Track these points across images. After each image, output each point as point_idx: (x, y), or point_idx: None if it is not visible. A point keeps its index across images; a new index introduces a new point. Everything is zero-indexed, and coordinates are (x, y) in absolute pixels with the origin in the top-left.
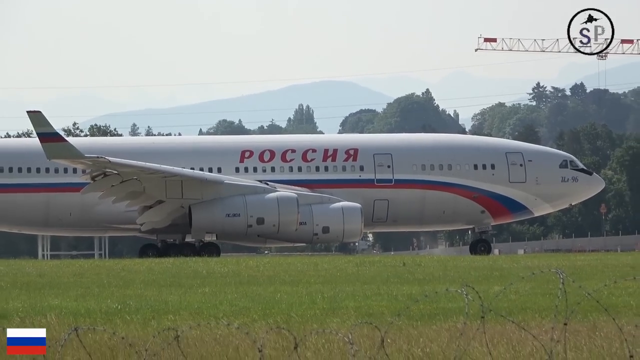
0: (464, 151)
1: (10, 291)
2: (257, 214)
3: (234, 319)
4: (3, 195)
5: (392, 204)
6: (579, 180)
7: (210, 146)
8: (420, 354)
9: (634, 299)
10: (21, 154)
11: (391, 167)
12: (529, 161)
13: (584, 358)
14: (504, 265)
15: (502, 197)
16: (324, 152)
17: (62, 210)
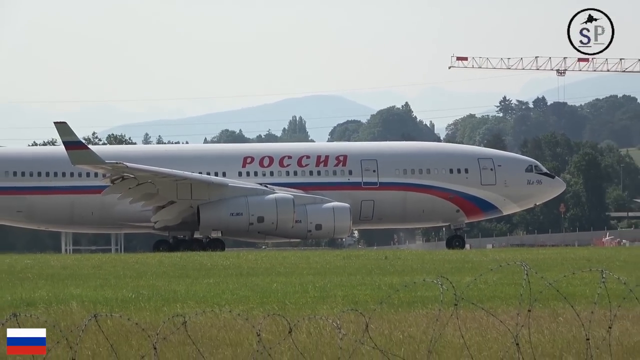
0: (441, 157)
1: (37, 282)
2: (258, 213)
3: (235, 306)
4: (33, 197)
5: (377, 204)
6: (543, 182)
7: (216, 153)
8: (400, 337)
9: (589, 288)
10: (49, 160)
11: (376, 171)
12: (498, 166)
13: (546, 341)
14: (475, 259)
15: (475, 198)
16: (316, 158)
17: (85, 210)
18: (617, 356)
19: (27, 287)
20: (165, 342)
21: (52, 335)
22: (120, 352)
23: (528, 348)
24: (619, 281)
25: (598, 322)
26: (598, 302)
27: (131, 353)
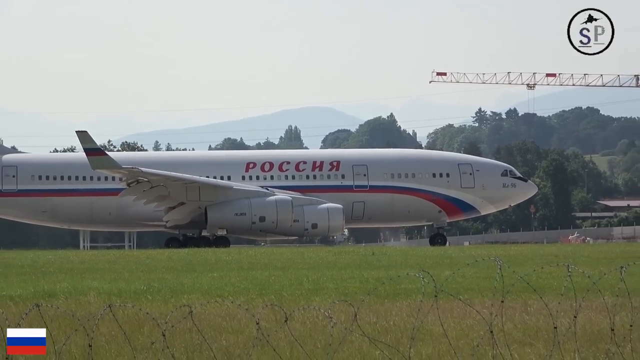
0: (424, 163)
1: (57, 275)
2: (260, 213)
3: (236, 297)
4: (57, 199)
5: (367, 205)
6: (517, 186)
7: (222, 159)
8: (386, 325)
9: (556, 281)
10: (70, 165)
11: (366, 175)
12: (476, 171)
13: (517, 329)
14: (453, 254)
15: (455, 200)
16: (312, 164)
17: (103, 210)
18: (581, 343)
19: (49, 280)
20: (173, 329)
21: (71, 323)
22: (133, 338)
23: (501, 335)
24: (584, 275)
25: (564, 312)
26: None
27: (142, 339)
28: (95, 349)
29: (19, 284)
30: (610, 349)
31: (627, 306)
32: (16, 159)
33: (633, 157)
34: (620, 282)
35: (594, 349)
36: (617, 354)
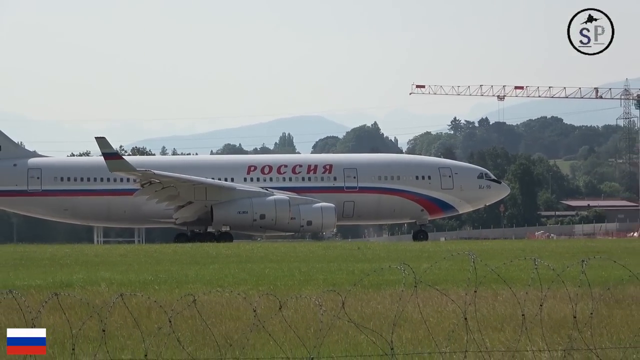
0: (408, 166)
1: (74, 267)
2: (260, 212)
3: (235, 287)
4: (77, 198)
5: (357, 204)
6: (491, 187)
7: (225, 162)
8: (370, 312)
9: (524, 273)
10: (89, 168)
11: (356, 177)
12: (455, 173)
13: (488, 316)
14: (431, 249)
15: (436, 199)
16: (307, 167)
17: (119, 208)
18: (547, 329)
19: (66, 272)
20: (178, 316)
21: (86, 310)
22: (142, 324)
23: (474, 322)
24: (549, 268)
25: (531, 300)
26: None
27: (150, 325)
28: (108, 334)
29: (39, 275)
30: (573, 334)
31: (587, 296)
32: (40, 162)
33: (592, 161)
34: (582, 274)
35: (558, 334)
36: (579, 339)
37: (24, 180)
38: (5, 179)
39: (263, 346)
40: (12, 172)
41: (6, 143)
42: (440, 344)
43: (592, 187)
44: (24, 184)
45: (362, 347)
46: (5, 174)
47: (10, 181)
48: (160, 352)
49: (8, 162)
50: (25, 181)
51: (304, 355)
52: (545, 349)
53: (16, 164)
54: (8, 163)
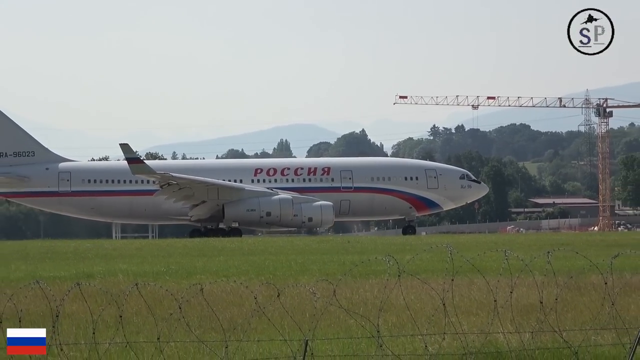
0: (398, 168)
1: (94, 260)
2: (267, 209)
3: (238, 277)
4: (102, 198)
5: (352, 203)
6: (472, 187)
7: (235, 166)
8: (358, 299)
9: (496, 264)
10: (113, 171)
11: (352, 178)
12: (440, 175)
13: (464, 302)
14: (413, 242)
15: (423, 198)
16: (308, 169)
17: (140, 207)
18: (516, 313)
19: (87, 264)
20: (187, 303)
21: (105, 298)
22: (155, 310)
23: (452, 307)
24: (518, 258)
25: (502, 288)
26: (502, 273)
27: (162, 311)
28: (124, 319)
29: (64, 267)
30: (540, 317)
31: (553, 283)
32: (70, 166)
33: (557, 163)
34: (547, 264)
35: (526, 318)
36: (545, 322)
37: (55, 182)
38: (39, 181)
39: (263, 330)
40: (45, 175)
41: (39, 149)
42: (421, 327)
43: (557, 186)
44: (55, 186)
45: (352, 330)
46: (38, 177)
47: (43, 183)
48: (171, 336)
49: (41, 166)
50: (56, 183)
51: (300, 337)
52: (515, 331)
53: (48, 167)
54: (41, 167)
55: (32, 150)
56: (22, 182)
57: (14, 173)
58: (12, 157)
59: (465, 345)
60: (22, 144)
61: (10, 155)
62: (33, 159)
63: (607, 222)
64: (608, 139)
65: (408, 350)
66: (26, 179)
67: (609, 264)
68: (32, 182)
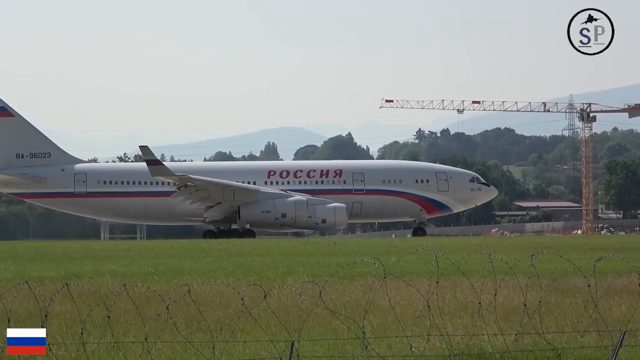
0: (409, 171)
1: (83, 260)
2: (282, 211)
3: (225, 278)
4: (118, 199)
5: (364, 205)
6: (482, 190)
7: (249, 168)
8: (344, 301)
9: (480, 266)
10: (128, 172)
11: (363, 181)
12: (450, 178)
13: (449, 304)
14: (398, 244)
15: (433, 200)
16: (320, 172)
17: (154, 208)
18: (500, 315)
19: (76, 264)
20: (175, 304)
21: (94, 299)
22: (142, 311)
23: (436, 309)
24: (502, 261)
25: (487, 290)
26: (487, 276)
27: (150, 312)
28: (112, 319)
29: (52, 267)
30: (524, 320)
31: (536, 286)
32: (86, 167)
33: (541, 167)
34: (531, 267)
35: (510, 320)
36: (529, 324)
37: (71, 183)
38: (55, 182)
39: (250, 331)
40: (61, 176)
41: (55, 150)
42: (406, 328)
43: (541, 190)
44: (71, 187)
45: (338, 331)
46: (54, 178)
47: (59, 184)
48: (159, 336)
49: (57, 168)
50: (72, 184)
51: (286, 338)
52: (499, 333)
53: (64, 169)
54: (57, 168)
55: (49, 151)
56: (39, 183)
57: (31, 174)
58: (29, 159)
59: (450, 347)
60: (39, 146)
61: (26, 157)
62: (49, 160)
63: (591, 226)
64: (591, 143)
65: (393, 351)
66: (42, 180)
67: (592, 267)
68: (48, 183)
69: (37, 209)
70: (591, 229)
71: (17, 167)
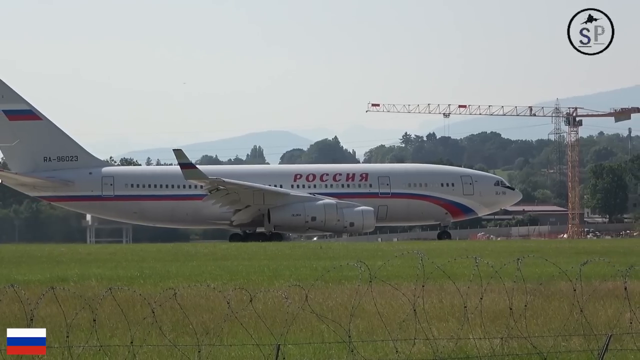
0: (435, 175)
1: (69, 264)
2: (312, 214)
3: (211, 282)
4: (145, 202)
5: (390, 208)
6: (506, 193)
7: (276, 171)
8: (331, 304)
9: (466, 270)
10: (156, 176)
11: (389, 184)
12: (475, 181)
13: (435, 308)
14: (385, 248)
15: (459, 204)
16: (346, 175)
17: (181, 212)
18: (486, 319)
19: (62, 268)
20: (160, 307)
21: (79, 302)
22: (128, 314)
23: (422, 313)
24: (488, 265)
25: (473, 294)
26: (473, 280)
27: (136, 315)
28: (98, 323)
29: (38, 271)
30: (509, 323)
31: (522, 290)
32: (113, 170)
33: (527, 171)
34: (517, 271)
35: (496, 324)
36: (515, 328)
37: (99, 186)
38: (82, 185)
39: (236, 334)
40: (88, 179)
41: (82, 154)
42: (392, 332)
43: (527, 194)
44: (99, 190)
45: (324, 335)
46: (82, 181)
47: (86, 187)
48: (144, 339)
49: (84, 171)
50: (99, 187)
51: (272, 342)
52: (485, 337)
53: (91, 172)
54: (84, 172)
55: (76, 154)
56: (66, 186)
57: (58, 177)
58: (56, 162)
59: (436, 351)
60: (66, 149)
61: (54, 160)
62: (76, 164)
63: (577, 230)
64: (577, 147)
65: (379, 355)
66: (70, 183)
67: (577, 271)
68: (76, 186)
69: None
70: (577, 233)
71: (44, 170)
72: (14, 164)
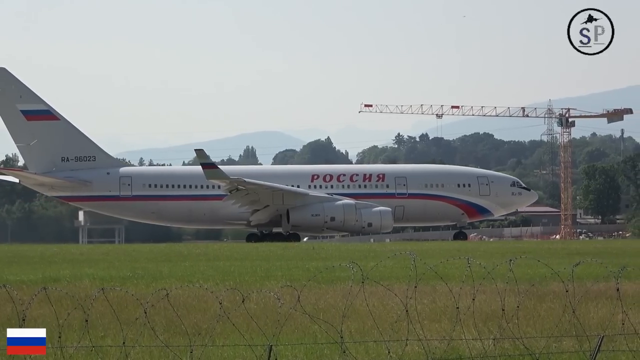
0: (451, 176)
1: (61, 264)
2: (331, 214)
3: (203, 282)
4: (163, 202)
5: (406, 209)
6: (522, 194)
7: (293, 172)
8: (323, 305)
9: (458, 271)
10: (173, 176)
11: (406, 185)
12: (491, 182)
13: (427, 309)
14: (377, 249)
15: (475, 205)
16: (363, 176)
17: (199, 212)
18: (478, 320)
19: (54, 268)
20: (153, 308)
21: (71, 302)
22: (120, 315)
23: (415, 314)
24: (480, 266)
25: (465, 295)
26: (465, 280)
27: (128, 316)
28: (90, 323)
29: (30, 271)
30: (502, 324)
31: (514, 291)
32: (131, 170)
33: (520, 172)
34: (509, 272)
35: (488, 325)
36: (507, 329)
37: (117, 186)
38: (100, 185)
39: (228, 335)
40: (106, 179)
41: (100, 154)
42: (384, 333)
43: None
44: (117, 190)
45: (316, 336)
46: (100, 181)
47: (104, 187)
48: (137, 340)
49: (102, 171)
50: (117, 187)
51: (264, 342)
52: (477, 338)
53: (109, 172)
54: (102, 172)
55: (94, 155)
56: (84, 187)
57: (76, 177)
58: (74, 162)
59: (428, 352)
60: (84, 149)
61: (72, 160)
62: (94, 164)
63: (569, 231)
64: (570, 148)
65: (371, 356)
66: (88, 183)
67: (570, 272)
68: (94, 186)
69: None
70: (569, 234)
71: (62, 170)
72: (32, 164)
